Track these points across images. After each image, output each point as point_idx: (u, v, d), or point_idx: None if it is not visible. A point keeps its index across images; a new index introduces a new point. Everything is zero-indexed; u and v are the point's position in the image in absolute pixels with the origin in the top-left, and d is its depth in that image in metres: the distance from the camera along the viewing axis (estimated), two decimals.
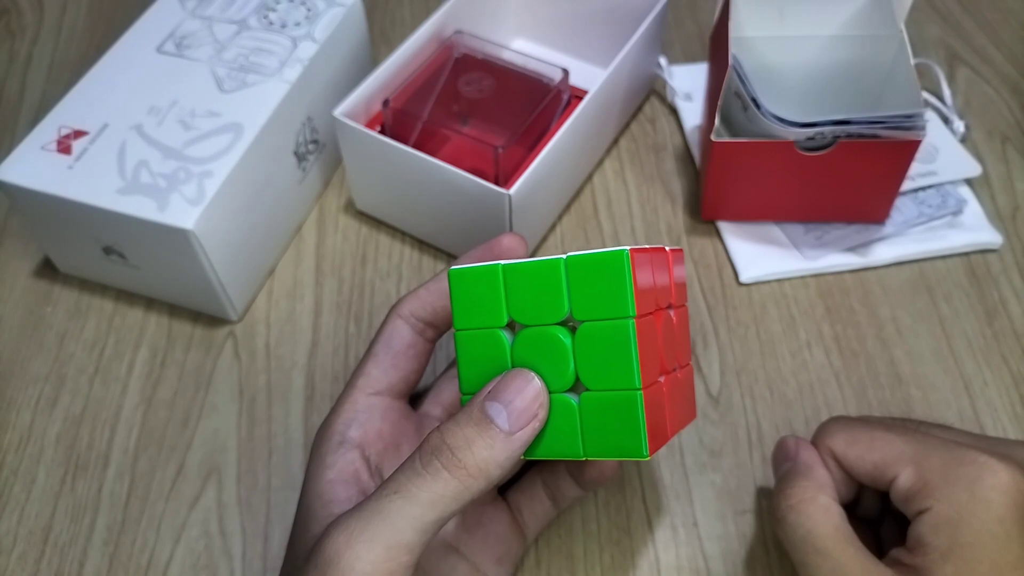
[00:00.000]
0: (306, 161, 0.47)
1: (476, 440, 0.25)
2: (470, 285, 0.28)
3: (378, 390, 0.32)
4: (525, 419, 0.26)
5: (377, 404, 0.32)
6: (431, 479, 0.25)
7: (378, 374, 0.32)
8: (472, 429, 0.26)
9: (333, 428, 0.31)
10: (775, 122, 0.42)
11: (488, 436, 0.26)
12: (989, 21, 0.60)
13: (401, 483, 0.25)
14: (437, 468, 0.25)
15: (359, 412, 0.32)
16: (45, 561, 0.37)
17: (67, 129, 0.42)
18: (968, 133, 0.52)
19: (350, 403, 0.32)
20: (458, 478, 0.25)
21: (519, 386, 0.26)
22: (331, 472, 0.30)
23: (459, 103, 0.49)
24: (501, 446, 0.26)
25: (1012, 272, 0.46)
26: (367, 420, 0.31)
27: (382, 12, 0.61)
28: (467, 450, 0.25)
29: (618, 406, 0.26)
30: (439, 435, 0.26)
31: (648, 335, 0.27)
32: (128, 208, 0.39)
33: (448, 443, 0.25)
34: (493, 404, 0.26)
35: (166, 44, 0.46)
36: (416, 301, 0.33)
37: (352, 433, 0.31)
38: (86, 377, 0.43)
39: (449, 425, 0.26)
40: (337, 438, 0.31)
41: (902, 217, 0.47)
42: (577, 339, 0.27)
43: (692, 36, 0.60)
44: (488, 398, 0.26)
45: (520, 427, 0.26)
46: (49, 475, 0.39)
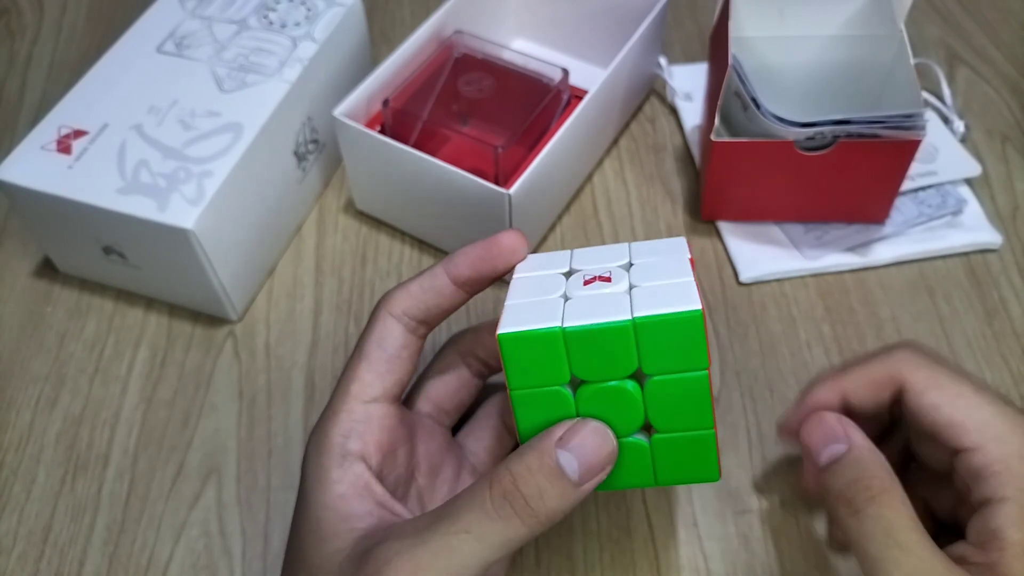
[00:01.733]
0: (306, 161, 0.47)
1: (549, 490, 0.26)
2: (525, 348, 0.27)
3: (374, 396, 0.31)
4: (595, 472, 0.27)
5: (374, 412, 0.31)
6: (503, 524, 0.26)
7: (372, 379, 0.31)
8: (544, 479, 0.26)
9: (331, 439, 0.30)
10: (775, 122, 0.42)
11: (560, 487, 0.26)
12: (989, 21, 0.60)
13: (472, 522, 0.26)
14: (510, 514, 0.26)
15: (357, 422, 0.30)
16: (45, 561, 0.37)
17: (67, 129, 0.42)
18: (968, 133, 0.52)
19: (346, 412, 0.31)
20: (529, 526, 0.26)
21: (592, 440, 0.27)
22: (340, 487, 0.29)
23: (459, 103, 0.49)
24: (571, 496, 0.26)
25: (1012, 272, 0.46)
26: (366, 431, 0.30)
27: (382, 12, 0.61)
28: (540, 500, 0.26)
29: (692, 444, 0.27)
30: (511, 479, 0.26)
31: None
32: (128, 208, 0.39)
33: (522, 491, 0.26)
34: (565, 454, 0.26)
35: (166, 44, 0.46)
36: (409, 299, 0.31)
37: (353, 445, 0.30)
38: (86, 377, 0.43)
39: (520, 470, 0.26)
40: (338, 450, 0.30)
41: (902, 217, 0.47)
42: (648, 390, 0.27)
43: (692, 36, 0.60)
44: (560, 445, 0.26)
45: (589, 479, 0.27)
46: (49, 475, 0.39)
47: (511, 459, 0.27)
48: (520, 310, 0.28)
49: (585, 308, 0.27)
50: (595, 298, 0.27)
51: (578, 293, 0.28)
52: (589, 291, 0.28)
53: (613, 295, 0.27)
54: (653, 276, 0.28)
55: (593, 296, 0.27)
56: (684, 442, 0.27)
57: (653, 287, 0.27)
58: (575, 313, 0.27)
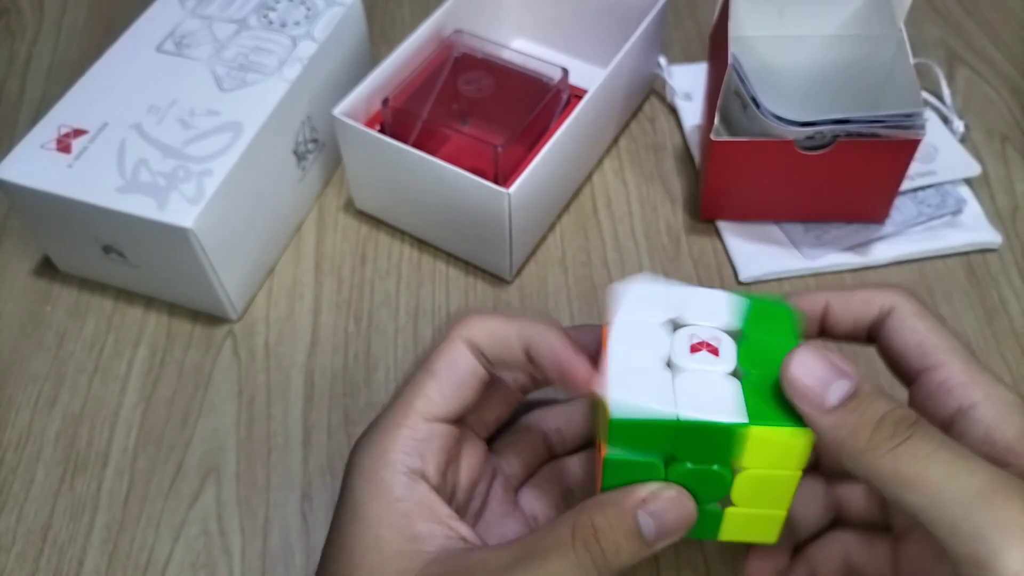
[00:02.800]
0: (305, 160, 0.47)
1: (625, 547, 0.27)
2: (635, 428, 0.27)
3: (438, 416, 0.30)
4: (669, 535, 0.28)
5: (437, 432, 0.30)
6: (580, 571, 0.27)
7: (439, 398, 0.30)
8: (623, 536, 0.27)
9: (392, 455, 0.29)
10: (775, 121, 0.42)
11: (636, 546, 0.27)
12: (989, 21, 0.60)
13: (553, 568, 0.27)
14: (588, 564, 0.27)
15: (421, 441, 0.30)
16: (44, 559, 0.37)
17: (67, 128, 0.42)
18: (968, 133, 0.52)
19: (410, 428, 0.30)
20: (601, 573, 0.27)
21: (674, 509, 0.28)
22: (405, 505, 0.29)
23: (459, 102, 0.49)
24: (642, 553, 0.28)
25: (1011, 272, 0.46)
26: (428, 451, 0.30)
27: (382, 11, 0.61)
28: (615, 554, 0.27)
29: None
30: (592, 531, 0.27)
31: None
32: (127, 207, 0.39)
33: (602, 545, 0.27)
34: (645, 517, 0.27)
35: (166, 43, 0.46)
36: (484, 336, 0.31)
37: (415, 463, 0.29)
38: (85, 376, 0.43)
39: (602, 524, 0.27)
40: (400, 467, 0.29)
41: (901, 217, 0.47)
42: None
43: (692, 36, 0.60)
44: (643, 508, 0.27)
45: (661, 541, 0.28)
46: (48, 474, 0.39)
47: (593, 509, 0.27)
48: (627, 380, 0.27)
49: (696, 393, 0.27)
50: (704, 379, 0.27)
51: (685, 363, 0.27)
52: (697, 364, 0.27)
53: (723, 381, 0.27)
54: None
55: (702, 376, 0.27)
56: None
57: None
58: (687, 400, 0.27)
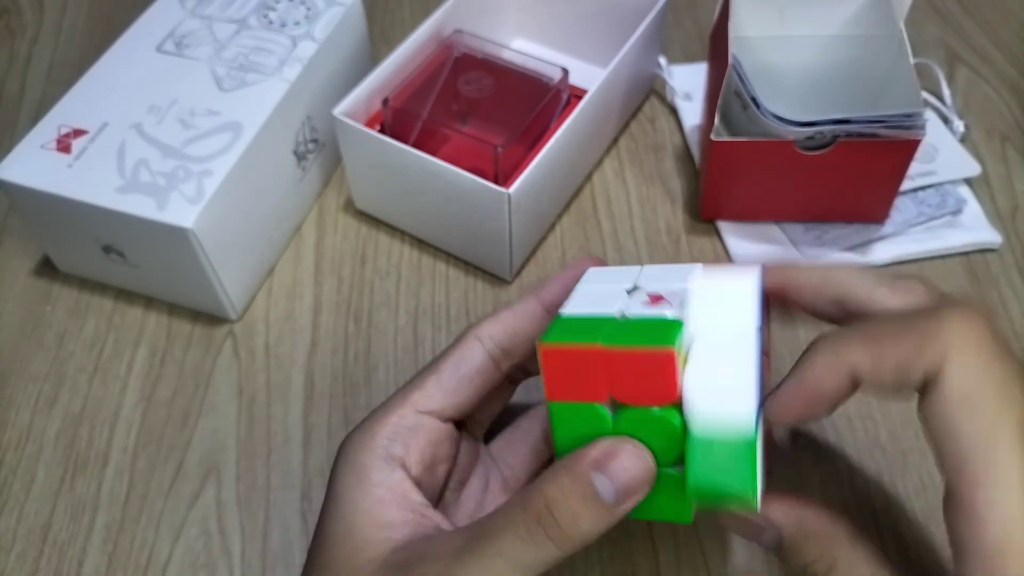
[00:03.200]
0: (305, 160, 0.47)
1: (583, 514, 0.25)
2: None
3: (430, 409, 0.30)
4: (631, 494, 0.26)
5: (425, 424, 0.30)
6: (536, 547, 0.25)
7: (437, 393, 0.30)
8: (579, 502, 0.25)
9: (376, 440, 0.29)
10: (775, 121, 0.42)
11: (594, 510, 0.25)
12: (989, 21, 0.60)
13: (506, 545, 0.25)
14: (543, 538, 0.25)
15: (405, 428, 0.30)
16: (44, 559, 0.37)
17: (67, 128, 0.42)
18: (968, 133, 0.52)
19: (398, 416, 0.30)
20: (562, 548, 0.25)
21: (629, 462, 0.26)
22: (380, 490, 0.28)
23: (459, 102, 0.49)
24: (605, 519, 0.26)
25: (1012, 272, 0.46)
26: (411, 439, 0.29)
27: (382, 11, 0.61)
28: (574, 524, 0.25)
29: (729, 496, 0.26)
30: (545, 502, 0.25)
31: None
32: (127, 207, 0.39)
33: (555, 515, 0.25)
34: (600, 476, 0.25)
35: (166, 43, 0.46)
36: (497, 324, 0.31)
37: (397, 450, 0.29)
38: (85, 376, 0.43)
39: (554, 493, 0.26)
40: (381, 452, 0.29)
41: (901, 217, 0.47)
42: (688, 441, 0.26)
43: (692, 36, 0.60)
44: (595, 467, 0.26)
45: (623, 502, 0.26)
46: (48, 474, 0.39)
47: (545, 480, 0.26)
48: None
49: (643, 312, 0.26)
50: (654, 311, 0.26)
51: (635, 311, 0.26)
52: (647, 310, 0.26)
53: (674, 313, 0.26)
54: (713, 323, 0.26)
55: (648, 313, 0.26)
56: (723, 489, 0.26)
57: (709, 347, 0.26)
58: (635, 312, 0.26)
